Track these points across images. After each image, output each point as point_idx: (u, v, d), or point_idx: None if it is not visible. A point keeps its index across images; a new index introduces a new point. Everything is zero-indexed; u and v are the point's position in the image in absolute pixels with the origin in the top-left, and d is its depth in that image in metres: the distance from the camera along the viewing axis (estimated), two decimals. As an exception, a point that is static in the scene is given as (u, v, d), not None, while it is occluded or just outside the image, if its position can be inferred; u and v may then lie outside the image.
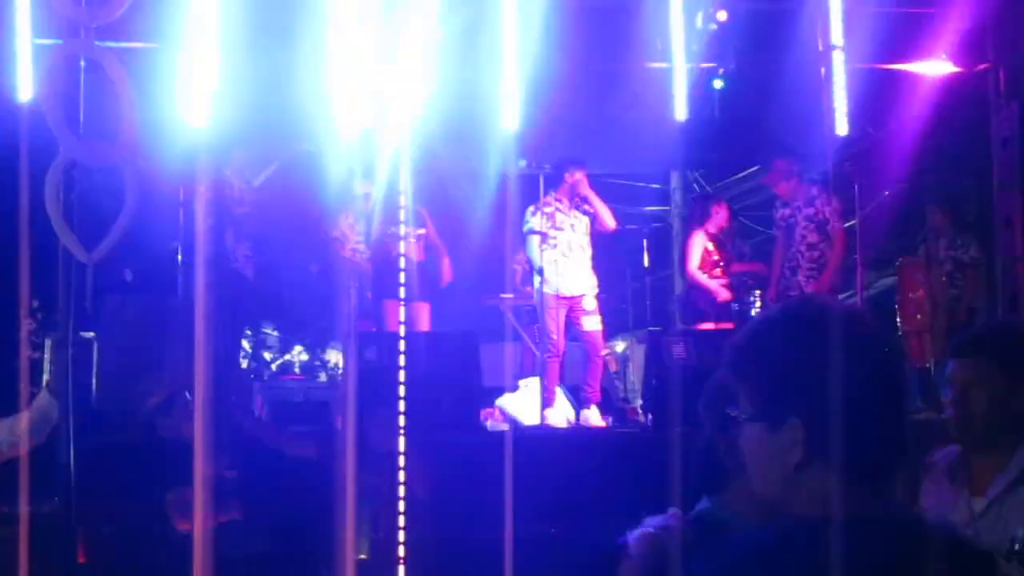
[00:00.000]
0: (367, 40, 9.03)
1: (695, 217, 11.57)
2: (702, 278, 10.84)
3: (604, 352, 10.75)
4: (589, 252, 9.92)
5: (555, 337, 9.74)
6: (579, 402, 9.82)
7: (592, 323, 9.84)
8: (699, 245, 10.96)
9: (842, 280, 10.43)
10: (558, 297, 9.76)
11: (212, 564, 5.11)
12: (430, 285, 10.43)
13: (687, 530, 2.41)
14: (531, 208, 10.01)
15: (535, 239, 9.93)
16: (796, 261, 10.21)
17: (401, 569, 6.94)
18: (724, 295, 10.81)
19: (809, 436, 2.08)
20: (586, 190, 9.84)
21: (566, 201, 9.88)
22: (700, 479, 3.17)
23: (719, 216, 11.08)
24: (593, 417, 9.60)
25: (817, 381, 2.06)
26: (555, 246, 9.77)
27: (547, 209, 9.86)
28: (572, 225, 9.86)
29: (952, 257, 10.21)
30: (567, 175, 9.84)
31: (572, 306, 9.81)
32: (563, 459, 7.91)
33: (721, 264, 10.97)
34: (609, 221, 9.90)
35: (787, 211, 10.35)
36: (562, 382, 10.08)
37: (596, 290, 9.97)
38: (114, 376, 8.24)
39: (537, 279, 9.84)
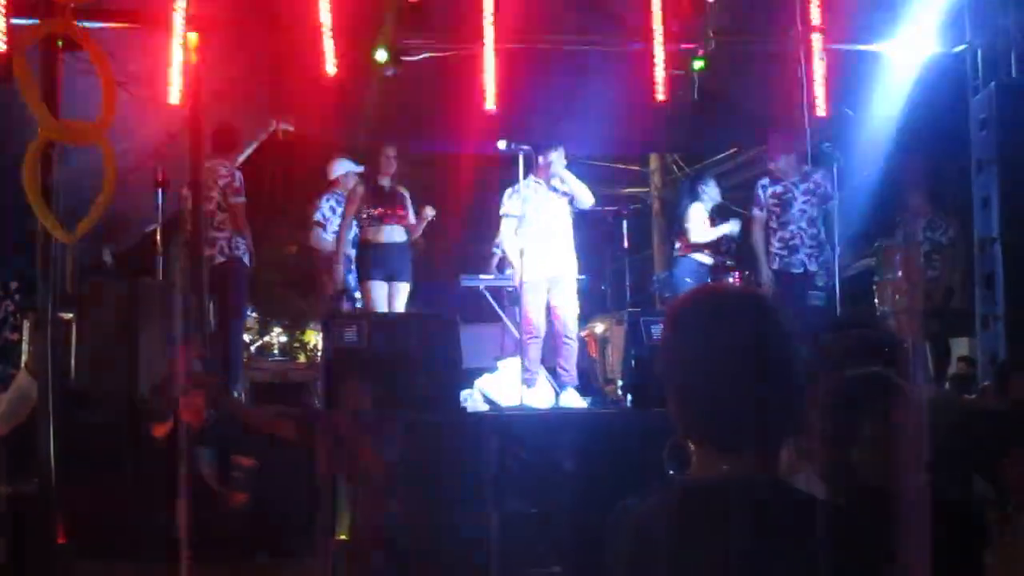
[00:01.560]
0: (343, 17, 9.05)
1: (690, 193, 11.63)
2: (711, 236, 10.96)
3: (583, 334, 10.76)
4: (568, 234, 9.87)
5: (534, 319, 9.70)
6: (558, 385, 9.82)
7: (564, 305, 9.78)
8: (700, 216, 11.01)
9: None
10: (536, 280, 9.71)
11: (193, 544, 5.12)
12: (412, 266, 10.45)
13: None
14: (508, 191, 9.95)
15: (511, 223, 9.86)
16: (798, 239, 10.01)
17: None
18: (732, 228, 11.11)
19: (681, 413, 2.36)
20: (561, 170, 9.77)
21: (543, 184, 9.84)
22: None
23: (712, 193, 11.16)
24: (572, 399, 9.58)
25: (686, 363, 2.37)
26: (532, 229, 9.71)
27: (524, 192, 9.80)
28: (548, 208, 9.81)
29: (930, 239, 10.24)
30: (541, 157, 9.77)
31: (550, 288, 9.78)
32: (543, 439, 7.92)
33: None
34: (586, 198, 9.83)
35: (779, 188, 10.16)
36: (542, 363, 10.09)
37: (574, 272, 9.92)
38: (93, 357, 8.22)
39: (516, 262, 9.78)
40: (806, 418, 2.42)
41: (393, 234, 10.24)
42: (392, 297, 10.16)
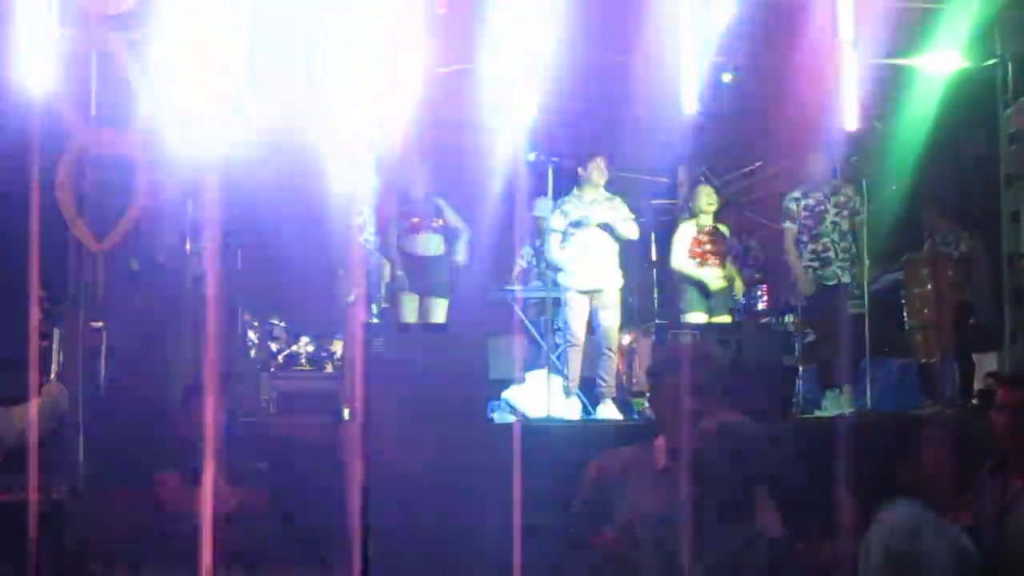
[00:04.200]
0: (374, 28, 9.08)
1: (683, 210, 11.54)
2: (689, 269, 10.69)
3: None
4: (612, 246, 9.90)
5: (575, 329, 9.73)
6: (594, 396, 9.82)
7: (608, 317, 9.81)
8: (687, 236, 10.80)
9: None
10: (579, 292, 9.75)
11: (219, 552, 5.14)
12: (448, 279, 10.46)
13: None
14: (553, 204, 9.99)
15: (555, 237, 9.91)
16: (829, 251, 9.93)
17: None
18: (716, 284, 10.60)
19: None
20: (608, 206, 9.86)
21: (585, 196, 9.87)
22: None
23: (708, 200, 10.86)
24: (610, 411, 9.60)
25: None
26: (575, 242, 9.77)
27: (565, 207, 9.84)
28: (590, 220, 9.85)
29: (945, 253, 10.20)
30: (581, 170, 9.83)
31: (592, 300, 9.81)
32: (570, 451, 7.92)
33: (715, 254, 10.79)
34: (628, 233, 9.93)
35: (811, 200, 10.07)
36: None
37: (619, 284, 9.95)
38: (122, 365, 8.26)
39: (560, 274, 9.84)
40: None
41: (429, 245, 10.28)
42: (426, 311, 10.20)
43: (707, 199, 10.76)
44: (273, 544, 6.91)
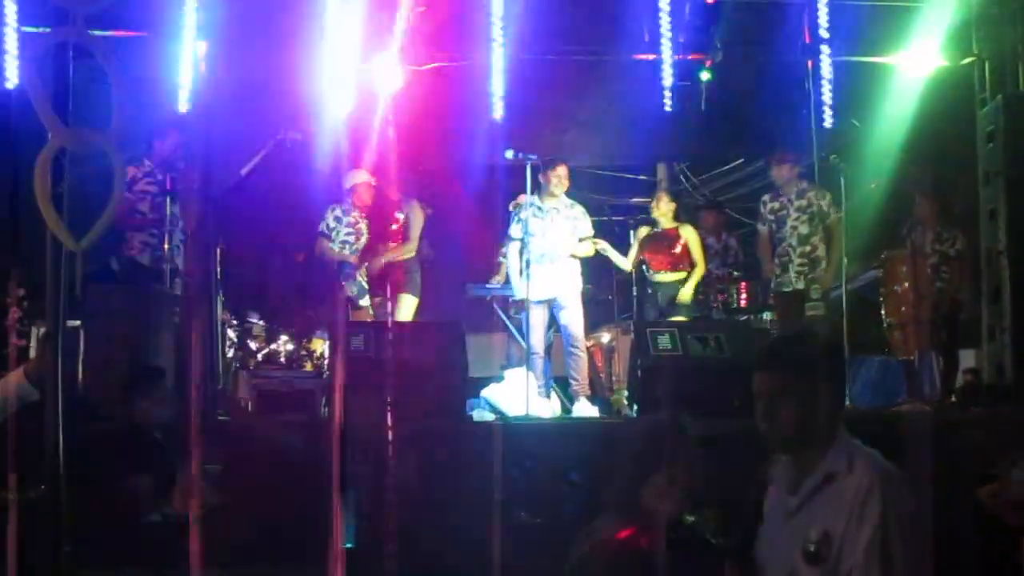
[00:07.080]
0: (353, 27, 9.09)
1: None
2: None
3: (589, 344, 10.75)
4: (568, 253, 9.91)
5: (534, 340, 9.74)
6: (569, 396, 9.84)
7: (568, 317, 9.81)
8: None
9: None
10: (535, 302, 9.74)
11: (201, 552, 5.11)
12: (418, 279, 10.46)
13: None
14: (512, 212, 10.01)
15: (515, 245, 9.94)
16: (787, 256, 10.05)
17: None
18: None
19: None
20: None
21: (545, 203, 9.85)
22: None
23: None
24: (584, 409, 9.60)
25: None
26: (534, 251, 9.74)
27: (523, 215, 9.83)
28: (550, 229, 9.83)
29: (938, 251, 10.21)
30: (541, 176, 9.79)
31: (553, 307, 9.83)
32: (549, 449, 7.92)
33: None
34: (580, 254, 10.03)
35: (776, 204, 10.20)
36: (553, 374, 10.11)
37: (578, 290, 9.97)
38: (100, 364, 8.22)
39: (516, 283, 9.87)
40: None
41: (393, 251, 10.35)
42: (396, 309, 10.21)
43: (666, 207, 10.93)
44: (250, 544, 6.90)
